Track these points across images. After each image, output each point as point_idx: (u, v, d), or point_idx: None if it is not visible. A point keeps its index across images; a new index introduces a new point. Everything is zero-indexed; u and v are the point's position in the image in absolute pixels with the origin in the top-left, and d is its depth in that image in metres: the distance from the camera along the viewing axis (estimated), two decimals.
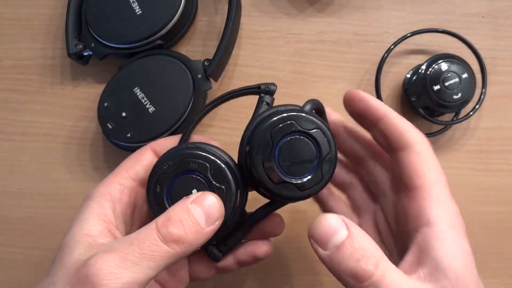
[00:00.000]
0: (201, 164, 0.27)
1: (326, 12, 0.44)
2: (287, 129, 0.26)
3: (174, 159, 0.27)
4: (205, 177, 0.27)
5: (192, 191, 0.27)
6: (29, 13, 0.44)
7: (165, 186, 0.27)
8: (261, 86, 0.31)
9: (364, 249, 0.23)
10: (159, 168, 0.27)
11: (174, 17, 0.40)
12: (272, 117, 0.27)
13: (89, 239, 0.25)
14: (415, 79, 0.41)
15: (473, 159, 0.43)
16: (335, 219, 0.24)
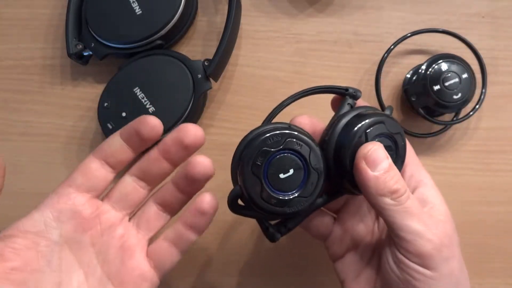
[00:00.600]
0: (303, 146, 0.28)
1: (326, 12, 0.44)
2: (378, 130, 0.29)
3: (281, 136, 0.28)
4: (304, 159, 0.28)
5: (290, 170, 0.28)
6: (29, 13, 0.44)
7: (265, 160, 0.27)
8: (349, 89, 0.32)
9: (399, 176, 0.28)
10: (264, 141, 0.28)
11: (174, 17, 0.40)
12: (365, 118, 0.29)
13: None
14: (415, 79, 0.41)
15: (473, 159, 0.43)
16: (383, 150, 0.28)
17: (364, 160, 0.27)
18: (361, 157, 0.28)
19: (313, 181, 0.28)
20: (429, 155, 0.43)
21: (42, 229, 0.28)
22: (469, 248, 0.42)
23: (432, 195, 0.31)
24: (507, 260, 0.42)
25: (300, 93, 0.33)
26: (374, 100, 0.43)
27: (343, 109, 0.32)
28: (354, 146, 0.28)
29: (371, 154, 0.28)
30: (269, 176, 0.28)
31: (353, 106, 0.32)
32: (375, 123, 0.29)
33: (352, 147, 0.28)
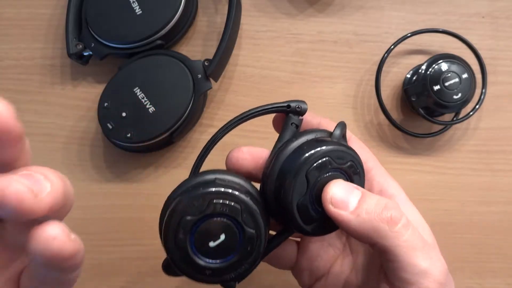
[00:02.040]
0: (232, 207, 0.24)
1: (326, 12, 0.44)
2: (324, 167, 0.25)
3: (202, 198, 0.24)
4: (236, 221, 0.24)
5: (221, 236, 0.24)
6: (29, 13, 0.44)
7: (189, 230, 0.24)
8: (290, 104, 0.28)
9: (384, 200, 0.25)
10: (183, 209, 0.24)
11: (174, 17, 0.40)
12: (307, 151, 0.25)
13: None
14: (415, 79, 0.41)
15: (473, 159, 0.43)
16: (346, 183, 0.25)
17: (332, 205, 0.24)
18: (328, 204, 0.24)
19: (251, 241, 0.24)
20: (429, 155, 0.43)
21: None
22: (469, 248, 0.42)
23: (410, 212, 0.27)
24: (507, 260, 0.42)
25: (234, 121, 0.29)
26: (374, 100, 0.43)
27: (286, 132, 0.28)
28: (295, 193, 0.25)
29: (335, 194, 0.24)
30: (197, 247, 0.24)
31: (298, 126, 0.28)
32: (318, 158, 0.25)
33: (292, 194, 0.25)
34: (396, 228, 0.24)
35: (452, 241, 0.42)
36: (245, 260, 0.24)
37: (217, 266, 0.24)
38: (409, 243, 0.23)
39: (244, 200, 0.24)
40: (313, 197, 0.25)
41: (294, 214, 0.25)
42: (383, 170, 0.30)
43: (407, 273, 0.23)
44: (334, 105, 0.43)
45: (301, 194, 0.25)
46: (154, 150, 0.42)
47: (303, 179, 0.25)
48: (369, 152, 0.30)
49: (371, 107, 0.43)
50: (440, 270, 0.24)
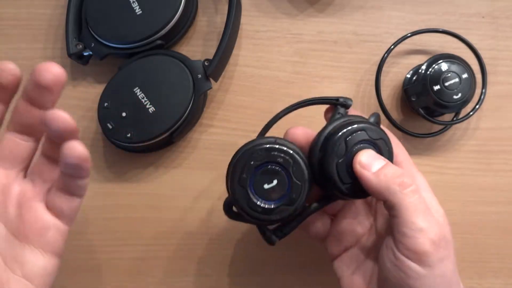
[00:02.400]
0: (286, 159, 0.30)
1: (326, 12, 0.44)
2: (359, 137, 0.30)
3: (265, 150, 0.30)
4: (287, 171, 0.30)
5: (274, 181, 0.30)
6: (29, 13, 0.44)
7: (250, 172, 0.30)
8: (339, 99, 0.34)
9: (401, 171, 0.30)
10: (248, 156, 0.30)
11: (174, 17, 0.40)
12: (346, 126, 0.30)
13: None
14: (415, 79, 0.41)
15: (473, 159, 0.43)
16: (373, 153, 0.30)
17: (359, 165, 0.29)
18: (356, 164, 0.30)
19: (296, 191, 0.30)
20: (429, 155, 0.43)
21: None
22: (469, 248, 0.42)
23: (428, 197, 0.31)
24: (507, 260, 0.42)
25: (293, 106, 0.35)
26: (374, 100, 0.43)
27: (334, 118, 0.33)
28: (335, 154, 0.30)
29: (363, 158, 0.30)
30: (255, 186, 0.30)
31: (343, 115, 0.34)
32: (355, 131, 0.30)
33: (332, 155, 0.30)
34: (405, 191, 0.28)
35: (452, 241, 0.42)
36: (290, 206, 0.30)
37: (267, 206, 0.30)
38: (413, 204, 0.28)
39: (295, 157, 0.30)
40: (349, 161, 0.30)
41: (333, 173, 0.30)
42: (412, 164, 0.33)
43: (407, 228, 0.28)
44: None
45: (339, 156, 0.30)
46: (154, 150, 0.42)
47: (342, 145, 0.30)
48: (402, 147, 0.34)
49: (371, 107, 0.43)
50: (435, 232, 0.28)
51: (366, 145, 0.30)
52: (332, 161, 0.30)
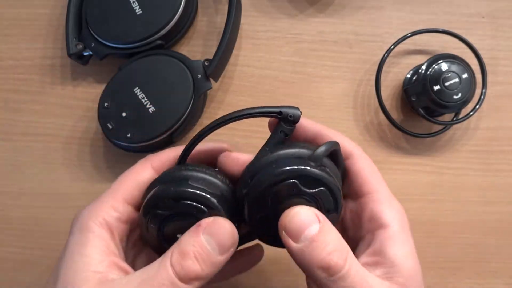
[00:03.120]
0: (199, 209, 0.25)
1: (326, 12, 0.44)
2: (289, 190, 0.24)
3: (171, 198, 0.25)
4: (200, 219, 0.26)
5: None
6: (29, 13, 0.44)
7: (159, 224, 0.26)
8: (282, 111, 0.27)
9: (335, 243, 0.24)
10: (154, 204, 0.26)
11: (174, 17, 0.40)
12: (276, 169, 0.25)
13: (98, 275, 0.24)
14: (415, 79, 0.41)
15: (473, 159, 0.43)
16: (308, 212, 0.24)
17: (284, 230, 0.24)
18: (282, 228, 0.24)
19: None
20: (429, 155, 0.43)
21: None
22: (469, 248, 0.42)
23: (396, 245, 0.25)
24: (507, 260, 0.42)
25: (221, 121, 0.28)
26: (374, 100, 0.43)
27: (273, 140, 0.27)
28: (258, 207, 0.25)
29: (291, 222, 0.24)
30: (167, 239, 0.26)
31: (288, 134, 0.28)
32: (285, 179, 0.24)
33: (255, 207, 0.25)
34: (331, 279, 0.23)
35: (452, 241, 0.42)
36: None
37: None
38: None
39: (211, 202, 0.25)
40: (275, 216, 0.25)
41: (255, 226, 0.26)
42: (382, 189, 0.28)
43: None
44: (334, 105, 0.43)
45: (263, 210, 0.25)
46: (154, 150, 0.42)
47: (266, 197, 0.25)
48: (377, 173, 0.29)
49: (371, 107, 0.43)
50: None
51: (297, 200, 0.24)
52: (254, 215, 0.25)
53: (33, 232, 0.42)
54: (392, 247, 0.25)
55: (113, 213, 0.27)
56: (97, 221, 0.26)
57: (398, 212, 0.27)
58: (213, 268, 0.24)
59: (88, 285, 0.23)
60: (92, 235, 0.26)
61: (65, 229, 0.43)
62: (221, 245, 0.24)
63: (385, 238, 0.26)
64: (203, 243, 0.24)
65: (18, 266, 0.42)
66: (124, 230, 0.28)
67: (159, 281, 0.23)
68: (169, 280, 0.23)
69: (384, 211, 0.27)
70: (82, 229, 0.26)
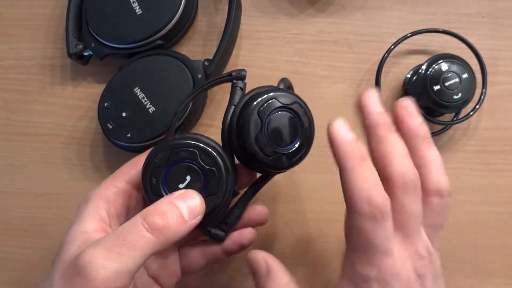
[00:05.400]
0: (190, 151, 0.29)
1: (326, 12, 0.44)
2: (272, 106, 0.29)
3: (164, 150, 0.29)
4: (196, 162, 0.29)
5: (187, 177, 0.29)
6: (29, 13, 0.44)
7: (160, 177, 0.29)
8: (232, 73, 0.32)
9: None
10: (152, 161, 0.30)
11: (174, 17, 0.40)
12: (256, 98, 0.29)
13: (85, 235, 0.28)
14: (415, 79, 0.41)
15: (473, 159, 0.43)
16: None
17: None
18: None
19: (213, 178, 0.29)
20: None
21: None
22: (469, 248, 0.42)
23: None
24: (507, 260, 0.42)
25: (191, 95, 0.33)
26: None
27: (235, 94, 0.32)
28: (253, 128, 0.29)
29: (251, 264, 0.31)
30: (170, 189, 0.29)
31: (243, 89, 0.32)
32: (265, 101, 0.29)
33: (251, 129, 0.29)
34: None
35: (452, 241, 0.42)
36: (215, 195, 0.29)
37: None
38: None
39: (200, 146, 0.29)
40: (267, 132, 0.29)
41: (254, 148, 0.29)
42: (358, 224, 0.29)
43: None
44: (334, 105, 0.43)
45: (257, 129, 0.29)
46: None
47: (256, 118, 0.29)
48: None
49: None
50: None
51: (281, 112, 0.29)
52: (251, 137, 0.29)
53: (33, 232, 0.42)
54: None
55: (112, 189, 0.31)
56: (97, 194, 0.31)
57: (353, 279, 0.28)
58: (180, 226, 0.27)
59: (75, 242, 0.27)
60: (89, 204, 0.30)
61: (65, 229, 0.43)
62: (191, 209, 0.28)
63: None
64: (174, 203, 0.27)
65: (18, 266, 0.42)
66: (121, 204, 0.31)
67: (127, 233, 0.25)
68: (138, 234, 0.26)
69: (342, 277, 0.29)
70: (84, 200, 0.31)
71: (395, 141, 0.28)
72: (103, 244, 0.25)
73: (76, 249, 0.26)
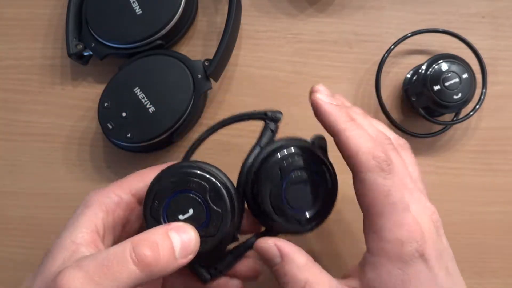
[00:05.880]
0: (200, 184, 0.27)
1: (326, 12, 0.44)
2: (296, 164, 0.28)
3: (175, 175, 0.28)
4: (203, 198, 0.27)
5: (189, 210, 0.27)
6: (29, 13, 0.44)
7: (163, 202, 0.27)
8: (267, 113, 0.31)
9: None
10: (159, 183, 0.28)
11: (174, 17, 0.40)
12: (281, 149, 0.28)
13: (73, 246, 0.26)
14: (415, 79, 0.41)
15: (473, 159, 0.43)
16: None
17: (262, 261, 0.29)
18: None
19: (217, 219, 0.27)
20: (429, 155, 0.43)
21: None
22: (469, 248, 0.42)
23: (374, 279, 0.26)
24: (507, 260, 0.42)
25: (218, 125, 0.32)
26: (374, 100, 0.43)
27: (264, 137, 0.31)
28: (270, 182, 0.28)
29: (262, 254, 0.28)
30: (169, 218, 0.27)
31: (274, 132, 0.31)
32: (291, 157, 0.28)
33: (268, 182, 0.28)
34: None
35: (452, 241, 0.42)
36: (212, 237, 0.27)
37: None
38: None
39: (211, 181, 0.27)
40: (285, 190, 0.28)
41: (266, 203, 0.28)
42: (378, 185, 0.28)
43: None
44: None
45: (273, 185, 0.28)
46: (154, 150, 0.42)
47: (277, 172, 0.28)
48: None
49: (371, 107, 0.43)
50: None
51: (304, 173, 0.28)
52: (266, 190, 0.28)
53: (33, 232, 0.42)
54: (370, 273, 0.27)
55: (114, 197, 0.29)
56: (98, 200, 0.29)
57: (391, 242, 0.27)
58: (169, 264, 0.25)
59: (62, 253, 0.26)
60: (86, 210, 0.28)
61: None
62: (184, 246, 0.25)
63: (367, 264, 0.27)
64: (169, 236, 0.25)
65: (18, 266, 0.42)
66: (120, 216, 0.30)
67: (111, 262, 0.23)
68: (122, 262, 0.23)
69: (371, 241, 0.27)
70: (84, 204, 0.29)
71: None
72: (85, 268, 0.23)
73: (61, 262, 0.25)
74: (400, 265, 0.26)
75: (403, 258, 0.26)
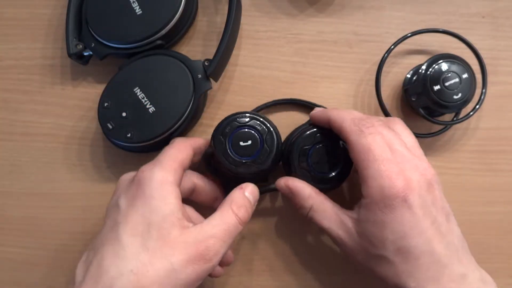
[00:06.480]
0: (263, 128, 0.36)
1: (326, 12, 0.44)
2: (317, 140, 0.37)
3: (248, 117, 0.36)
4: (261, 137, 0.36)
5: (248, 141, 0.36)
6: (29, 13, 0.44)
7: (233, 128, 0.36)
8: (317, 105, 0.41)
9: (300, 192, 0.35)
10: (237, 115, 0.36)
11: (174, 17, 0.40)
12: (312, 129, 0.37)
13: (180, 222, 0.31)
14: (415, 79, 0.41)
15: (473, 159, 0.43)
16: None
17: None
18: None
19: (265, 154, 0.36)
20: (429, 155, 0.43)
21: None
22: (469, 248, 0.42)
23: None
24: (507, 260, 0.42)
25: (287, 100, 0.43)
26: (374, 100, 0.43)
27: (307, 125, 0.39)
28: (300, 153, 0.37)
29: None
30: (233, 140, 0.35)
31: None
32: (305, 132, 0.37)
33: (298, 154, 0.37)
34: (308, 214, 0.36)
35: None
36: (256, 165, 0.36)
37: (237, 158, 0.35)
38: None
39: (270, 130, 0.36)
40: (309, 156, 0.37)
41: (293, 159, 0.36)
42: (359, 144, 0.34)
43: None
44: (334, 105, 0.43)
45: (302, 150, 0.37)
46: (154, 150, 0.42)
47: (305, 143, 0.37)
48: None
49: (371, 107, 0.43)
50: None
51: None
52: (295, 157, 0.36)
53: (33, 232, 0.42)
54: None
55: (179, 175, 0.34)
56: (172, 178, 0.33)
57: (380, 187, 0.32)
58: (250, 215, 0.35)
59: (174, 228, 0.31)
60: (172, 189, 0.32)
61: (65, 229, 0.43)
62: (255, 199, 0.35)
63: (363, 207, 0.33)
64: (248, 197, 0.35)
65: (18, 266, 0.42)
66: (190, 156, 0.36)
67: (228, 225, 0.32)
68: (234, 223, 0.32)
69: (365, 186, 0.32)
70: (163, 182, 0.32)
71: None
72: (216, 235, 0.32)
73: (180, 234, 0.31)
74: (382, 208, 0.31)
75: (385, 201, 0.30)
